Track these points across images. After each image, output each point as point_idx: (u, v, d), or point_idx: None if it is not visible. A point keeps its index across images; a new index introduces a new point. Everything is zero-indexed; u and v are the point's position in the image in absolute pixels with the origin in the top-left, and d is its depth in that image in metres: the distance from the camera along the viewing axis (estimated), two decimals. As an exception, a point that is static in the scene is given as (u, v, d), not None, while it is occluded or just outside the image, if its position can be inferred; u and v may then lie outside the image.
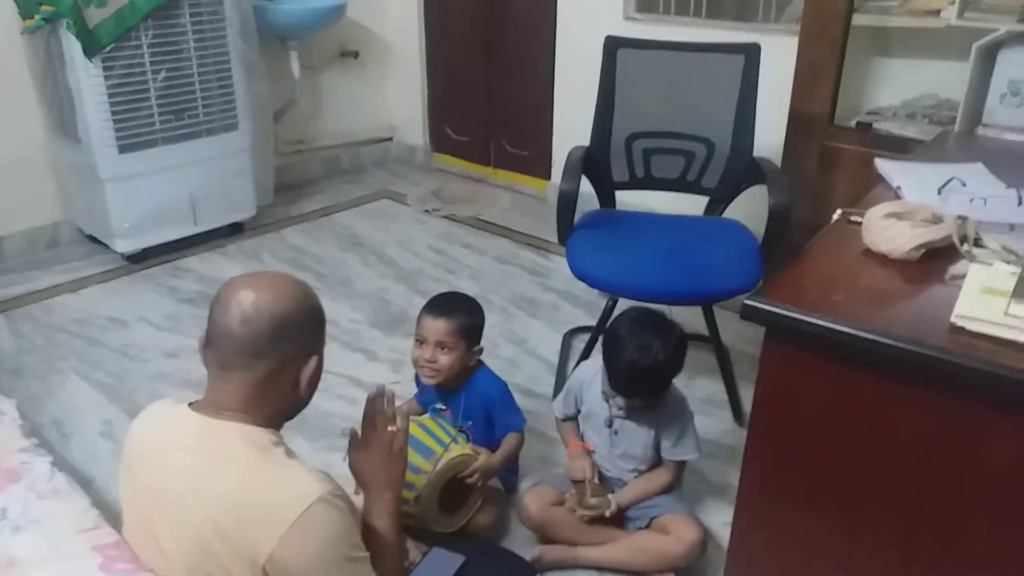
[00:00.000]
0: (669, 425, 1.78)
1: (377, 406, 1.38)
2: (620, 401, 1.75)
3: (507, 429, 1.90)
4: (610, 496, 1.78)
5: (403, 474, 1.38)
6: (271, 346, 1.14)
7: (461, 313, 1.85)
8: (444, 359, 1.82)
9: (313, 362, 1.19)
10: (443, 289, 2.38)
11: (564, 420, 1.93)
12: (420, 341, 1.84)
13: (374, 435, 1.36)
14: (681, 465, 1.82)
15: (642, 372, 1.66)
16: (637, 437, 1.80)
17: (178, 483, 1.13)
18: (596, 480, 1.80)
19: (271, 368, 1.15)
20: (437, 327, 1.81)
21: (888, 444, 1.12)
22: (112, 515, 1.41)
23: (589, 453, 1.85)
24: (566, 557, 1.80)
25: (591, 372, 1.84)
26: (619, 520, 1.81)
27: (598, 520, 1.77)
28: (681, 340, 1.72)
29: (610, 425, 1.82)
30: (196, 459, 1.14)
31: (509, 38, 4.00)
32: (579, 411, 1.89)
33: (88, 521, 1.25)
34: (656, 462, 1.83)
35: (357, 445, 1.38)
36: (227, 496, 1.09)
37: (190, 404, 1.19)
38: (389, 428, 1.36)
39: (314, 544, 1.07)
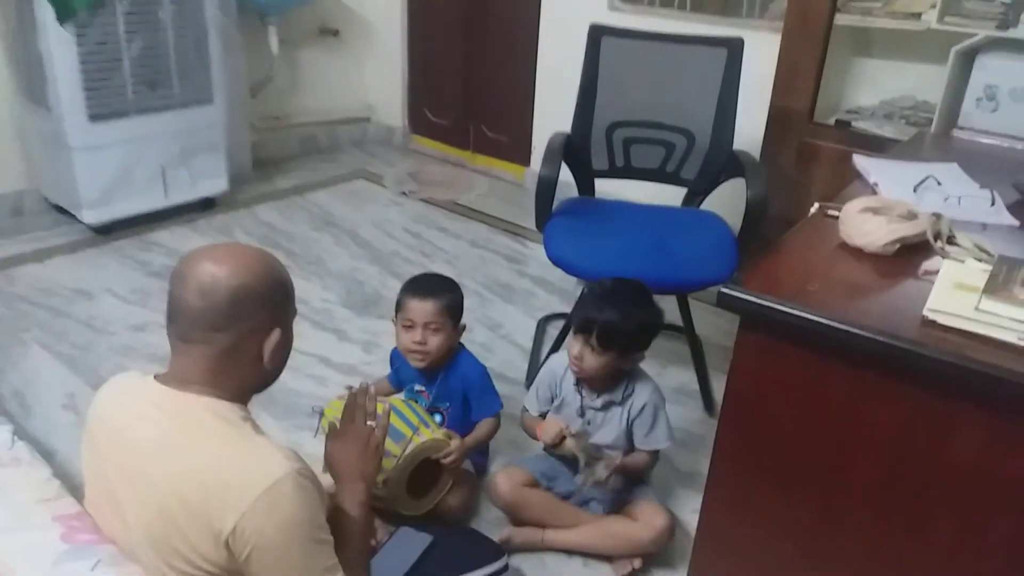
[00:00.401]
0: (641, 414, 1.78)
1: (359, 401, 1.37)
2: (590, 393, 1.75)
3: (484, 413, 1.89)
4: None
5: (377, 469, 1.37)
6: (229, 320, 1.12)
7: (446, 292, 1.84)
8: (434, 340, 1.81)
9: (275, 335, 1.16)
10: (417, 271, 2.36)
11: (533, 417, 1.88)
12: (407, 326, 1.82)
13: (352, 428, 1.36)
14: (655, 453, 1.83)
15: (607, 305, 1.68)
16: (610, 427, 1.80)
17: (143, 455, 1.11)
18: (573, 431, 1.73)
19: (231, 341, 1.13)
20: (425, 308, 1.80)
21: (857, 434, 1.14)
22: (74, 487, 1.38)
23: None
24: (534, 539, 1.80)
25: (563, 364, 1.83)
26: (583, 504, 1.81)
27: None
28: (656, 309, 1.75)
29: (583, 415, 1.82)
30: (162, 432, 1.12)
31: (493, 22, 3.97)
32: (551, 404, 1.87)
33: (49, 491, 1.22)
34: (629, 451, 1.84)
35: (334, 436, 1.37)
36: (193, 469, 1.07)
37: (156, 376, 1.17)
38: (369, 423, 1.35)
39: (277, 521, 1.06)
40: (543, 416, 1.85)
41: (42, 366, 2.35)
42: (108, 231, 3.17)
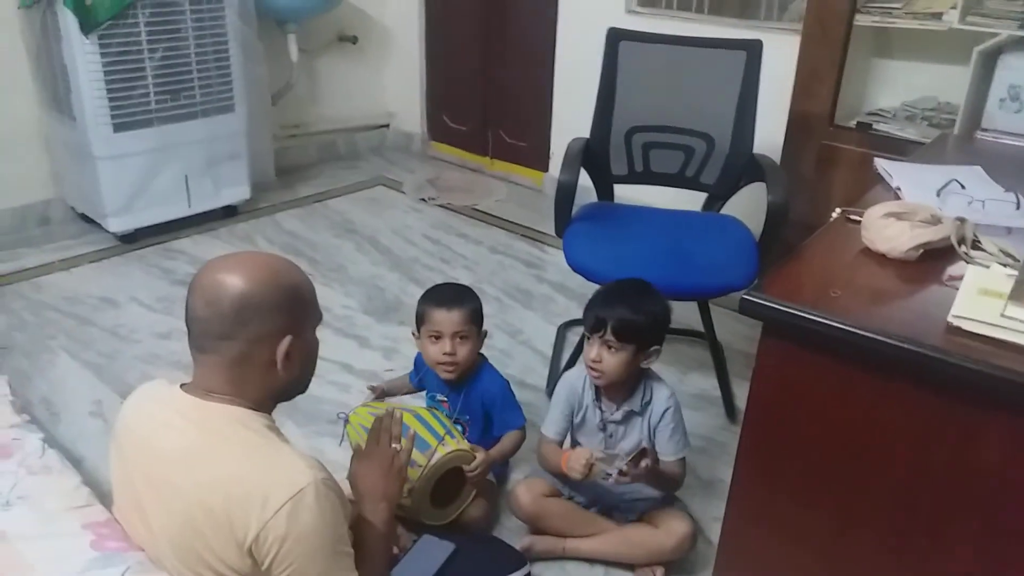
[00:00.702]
0: (662, 420, 1.77)
1: (384, 424, 1.39)
2: (610, 406, 1.76)
3: (507, 428, 1.89)
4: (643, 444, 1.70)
5: (400, 491, 1.39)
6: (235, 327, 1.13)
7: (468, 300, 1.84)
8: (462, 350, 1.81)
9: (286, 342, 1.15)
10: (437, 278, 2.38)
11: (552, 443, 1.82)
12: (435, 337, 1.81)
13: (377, 450, 1.37)
14: (682, 462, 1.80)
15: (618, 300, 1.68)
16: (632, 437, 1.80)
17: (169, 464, 1.12)
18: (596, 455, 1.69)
19: (241, 350, 1.14)
20: (452, 318, 1.79)
21: (881, 442, 1.13)
22: (102, 495, 1.40)
23: None
24: (555, 548, 1.80)
25: (580, 378, 1.80)
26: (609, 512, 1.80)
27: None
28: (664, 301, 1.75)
29: (604, 429, 1.81)
30: (187, 441, 1.13)
31: (510, 28, 3.98)
32: (571, 422, 1.83)
33: (79, 499, 1.24)
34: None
35: (359, 456, 1.39)
36: (217, 479, 1.08)
37: (182, 385, 1.19)
38: (393, 446, 1.37)
39: (299, 530, 1.06)
40: (559, 444, 1.82)
41: (69, 374, 2.38)
42: (132, 239, 3.22)
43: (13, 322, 2.64)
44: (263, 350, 1.15)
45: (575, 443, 1.85)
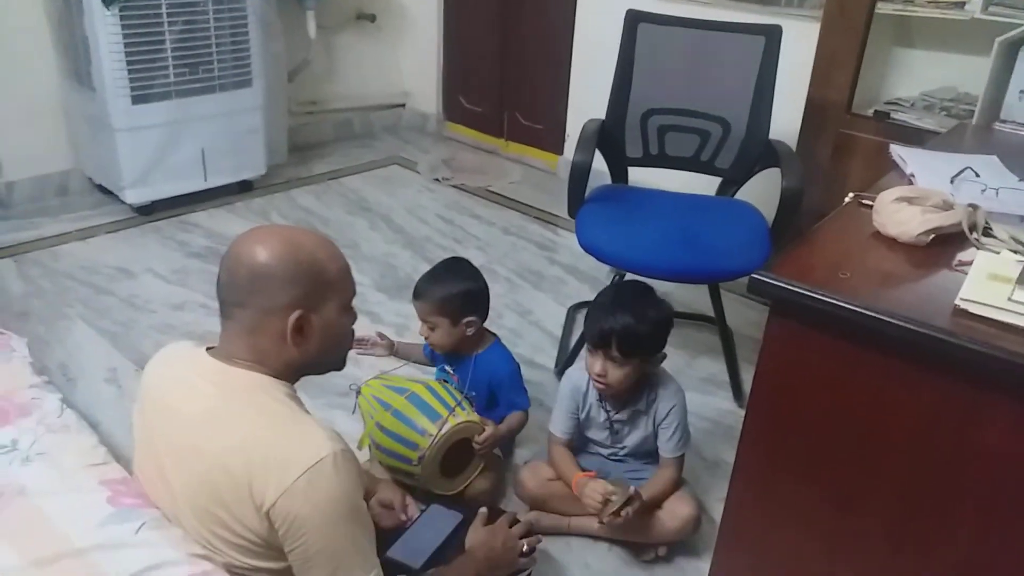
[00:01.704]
0: (667, 418, 1.78)
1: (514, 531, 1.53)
2: (615, 407, 1.78)
3: (512, 408, 1.91)
4: (632, 488, 1.70)
5: (497, 571, 1.48)
6: (248, 296, 1.15)
7: (438, 289, 1.85)
8: (433, 335, 1.87)
9: (295, 316, 1.16)
10: (449, 256, 2.38)
11: (561, 443, 1.84)
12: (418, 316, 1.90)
13: (505, 532, 1.52)
14: (681, 459, 1.82)
15: (619, 315, 1.67)
16: (637, 433, 1.82)
17: (190, 427, 1.14)
18: (610, 488, 1.70)
19: (251, 318, 1.16)
20: (417, 307, 1.88)
21: (885, 423, 1.14)
22: (117, 458, 1.43)
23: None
24: (561, 524, 1.83)
25: (584, 378, 1.80)
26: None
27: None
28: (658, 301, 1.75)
29: (610, 427, 1.83)
30: (209, 404, 1.15)
31: (528, 9, 3.97)
32: (577, 419, 1.85)
33: (97, 456, 1.27)
34: (652, 456, 1.84)
35: (484, 521, 1.54)
36: (239, 442, 1.10)
37: (208, 349, 1.21)
38: (520, 545, 1.51)
39: (317, 499, 1.08)
40: (569, 443, 1.84)
41: (85, 341, 2.42)
42: (149, 211, 3.25)
43: (31, 289, 2.68)
44: (274, 321, 1.16)
45: (583, 437, 1.88)
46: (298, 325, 1.16)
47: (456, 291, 1.84)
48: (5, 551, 1.07)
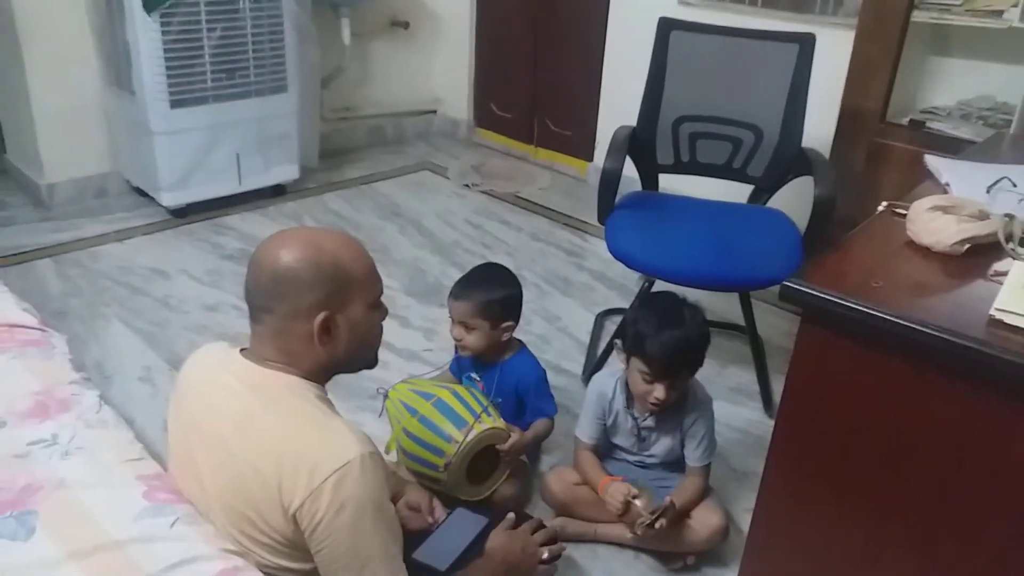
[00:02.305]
0: (694, 426, 1.78)
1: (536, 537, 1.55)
2: (644, 413, 1.78)
3: (539, 415, 1.92)
4: (667, 497, 1.70)
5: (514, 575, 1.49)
6: (273, 300, 1.17)
7: (480, 292, 1.86)
8: (469, 338, 1.87)
9: (321, 318, 1.16)
10: (478, 262, 2.39)
11: (587, 448, 1.85)
12: (451, 318, 1.90)
13: (526, 538, 1.53)
14: (708, 468, 1.82)
15: (682, 340, 1.66)
16: (664, 440, 1.82)
17: (223, 426, 1.16)
18: (633, 491, 1.71)
19: (280, 323, 1.17)
20: (457, 308, 1.86)
21: (917, 435, 1.12)
22: (151, 454, 1.46)
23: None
24: (587, 531, 1.82)
25: (610, 384, 1.81)
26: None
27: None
28: (700, 312, 1.75)
29: (637, 434, 1.83)
30: (242, 405, 1.16)
31: (560, 17, 3.99)
32: (603, 425, 1.85)
33: (133, 452, 1.29)
34: (678, 465, 1.84)
35: (509, 525, 1.54)
36: (270, 443, 1.12)
37: (242, 350, 1.23)
38: (541, 552, 1.53)
39: (343, 501, 1.09)
40: (595, 448, 1.85)
41: (121, 340, 2.47)
42: (184, 214, 3.31)
43: (69, 288, 2.74)
44: (301, 324, 1.17)
45: (610, 443, 1.88)
46: (324, 327, 1.17)
47: (499, 295, 1.87)
48: (45, 542, 1.10)
